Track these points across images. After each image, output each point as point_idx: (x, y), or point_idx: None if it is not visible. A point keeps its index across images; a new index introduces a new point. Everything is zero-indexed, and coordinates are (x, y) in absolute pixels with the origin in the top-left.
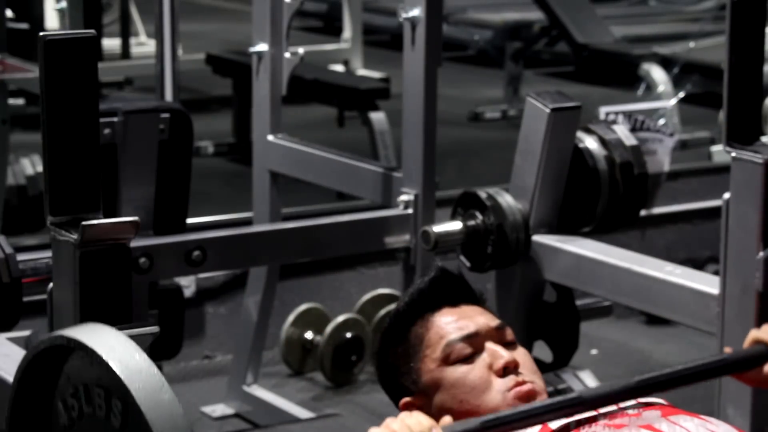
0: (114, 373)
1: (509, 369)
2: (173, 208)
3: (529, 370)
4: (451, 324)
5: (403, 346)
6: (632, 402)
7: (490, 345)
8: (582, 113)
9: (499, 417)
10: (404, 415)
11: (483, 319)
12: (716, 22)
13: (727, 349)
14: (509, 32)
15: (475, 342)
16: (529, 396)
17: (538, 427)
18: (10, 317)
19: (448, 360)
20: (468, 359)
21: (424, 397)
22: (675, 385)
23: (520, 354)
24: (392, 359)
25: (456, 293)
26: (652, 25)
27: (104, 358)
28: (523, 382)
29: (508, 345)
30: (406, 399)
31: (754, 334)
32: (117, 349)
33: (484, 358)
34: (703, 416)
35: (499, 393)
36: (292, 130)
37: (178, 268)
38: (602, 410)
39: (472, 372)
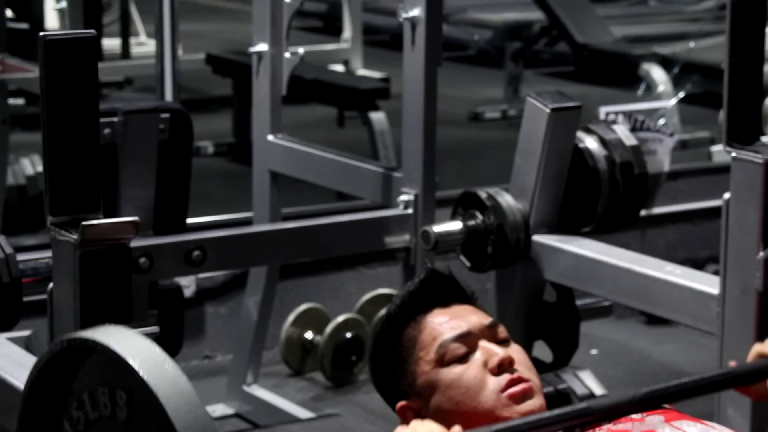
0: (114, 353)
1: (504, 366)
2: (173, 208)
3: (524, 367)
4: (444, 324)
5: (396, 350)
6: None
7: (483, 343)
8: (582, 113)
9: (508, 427)
10: (416, 424)
11: (475, 317)
12: (716, 22)
13: (732, 363)
14: (509, 32)
15: (468, 341)
16: (524, 395)
17: None
18: (10, 317)
19: (442, 361)
20: (462, 359)
21: (421, 400)
22: (682, 398)
23: (515, 351)
24: (386, 363)
25: (447, 293)
26: (652, 25)
27: (99, 340)
28: (518, 379)
29: (502, 342)
30: (403, 403)
31: (758, 348)
32: (112, 332)
33: (478, 357)
34: (706, 422)
35: (493, 393)
36: (292, 130)
37: (178, 268)
38: None
39: (467, 372)
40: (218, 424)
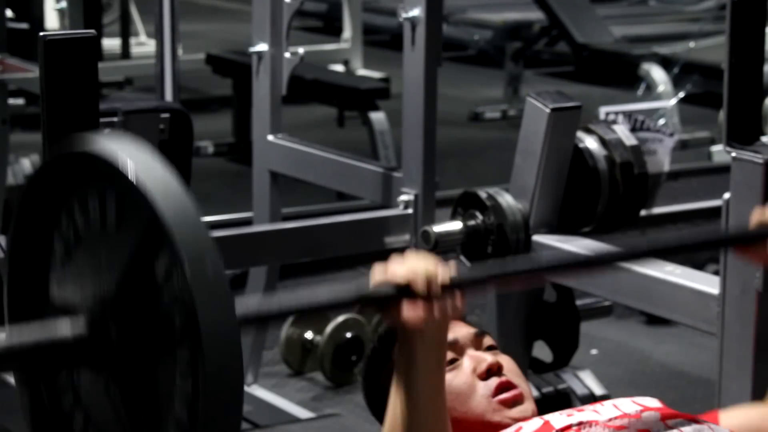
0: (103, 157)
1: (493, 371)
2: None
3: (513, 373)
4: None
5: (387, 368)
6: (633, 406)
7: (471, 351)
8: (582, 113)
9: (505, 267)
10: (411, 256)
11: (462, 327)
12: (716, 22)
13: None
14: (509, 32)
15: (456, 348)
16: (515, 401)
17: (540, 423)
18: None
19: None
20: (451, 366)
21: None
22: (681, 251)
23: (504, 358)
24: (379, 381)
25: None
26: (652, 25)
27: (88, 146)
28: (507, 383)
29: (489, 350)
30: None
31: (759, 216)
32: (100, 138)
33: (467, 364)
34: (701, 420)
35: (483, 398)
36: (292, 130)
37: None
38: (603, 413)
39: (457, 378)
40: None
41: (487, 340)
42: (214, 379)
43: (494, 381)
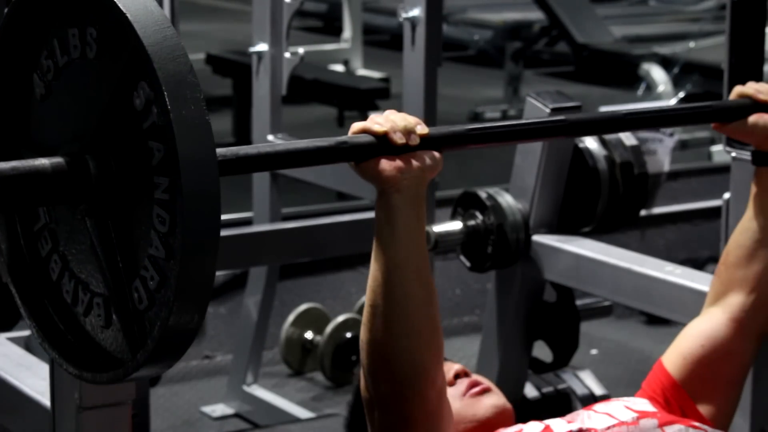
0: None
1: (460, 376)
2: None
3: (479, 377)
4: None
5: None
6: (628, 413)
7: None
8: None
9: (485, 126)
10: (390, 112)
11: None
12: (716, 22)
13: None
14: (509, 32)
15: None
16: (484, 391)
17: (541, 428)
18: (10, 317)
19: None
20: None
21: None
22: (662, 124)
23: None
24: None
25: None
26: (652, 25)
27: None
28: (475, 382)
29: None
30: None
31: (739, 89)
32: None
33: None
34: (697, 424)
35: (456, 399)
36: (292, 130)
37: None
38: (600, 423)
39: None
40: (218, 424)
41: (457, 364)
42: (191, 208)
43: (463, 382)
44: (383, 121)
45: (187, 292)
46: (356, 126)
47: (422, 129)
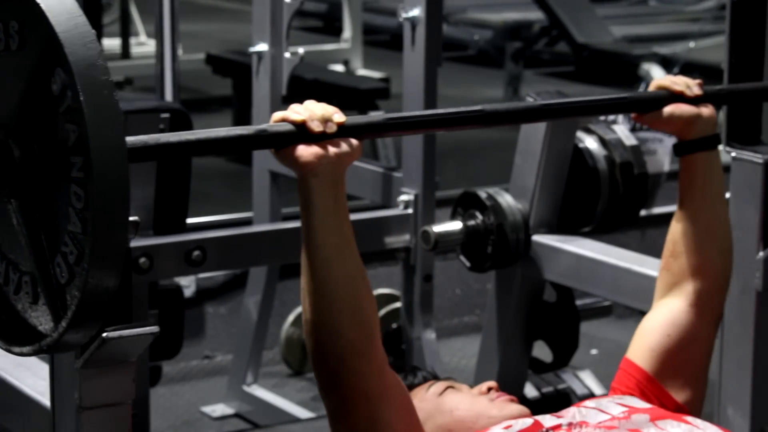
0: None
1: (492, 389)
2: (173, 208)
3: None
4: None
5: None
6: (620, 408)
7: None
8: None
9: (403, 116)
10: (309, 102)
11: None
12: (716, 22)
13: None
14: (509, 32)
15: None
16: (512, 401)
17: (530, 422)
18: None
19: None
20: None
21: None
22: (580, 114)
23: None
24: None
25: None
26: (652, 25)
27: None
28: (505, 394)
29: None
30: None
31: (657, 81)
32: None
33: (467, 389)
34: (690, 420)
35: (487, 400)
36: None
37: (178, 268)
38: (591, 416)
39: (458, 394)
40: (218, 424)
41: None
42: (101, 183)
43: (494, 393)
44: (302, 110)
45: (100, 261)
46: (276, 115)
47: (339, 117)
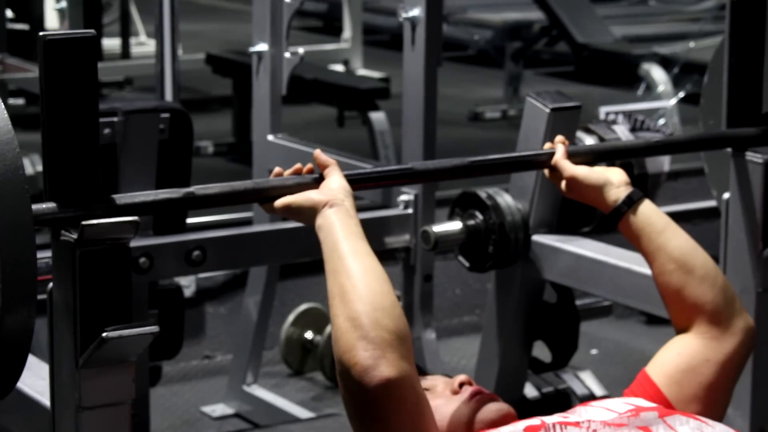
0: None
1: (464, 384)
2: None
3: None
4: None
5: None
6: (627, 406)
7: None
8: (582, 113)
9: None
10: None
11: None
12: (716, 22)
13: (548, 145)
14: (509, 32)
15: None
16: (491, 399)
17: (537, 422)
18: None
19: None
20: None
21: None
22: (498, 171)
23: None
24: None
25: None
26: (652, 25)
27: None
28: (480, 390)
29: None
30: None
31: (559, 137)
32: None
33: (441, 387)
34: (699, 417)
35: (462, 404)
36: (292, 130)
37: (178, 268)
38: (599, 415)
39: (433, 399)
40: (218, 424)
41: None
42: (8, 267)
43: (467, 389)
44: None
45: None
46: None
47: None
